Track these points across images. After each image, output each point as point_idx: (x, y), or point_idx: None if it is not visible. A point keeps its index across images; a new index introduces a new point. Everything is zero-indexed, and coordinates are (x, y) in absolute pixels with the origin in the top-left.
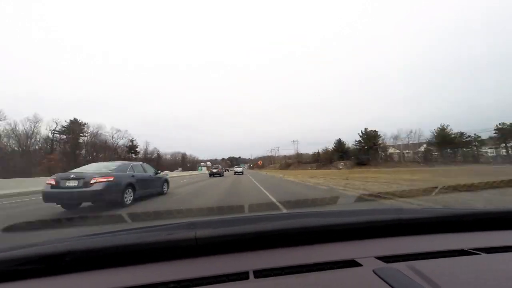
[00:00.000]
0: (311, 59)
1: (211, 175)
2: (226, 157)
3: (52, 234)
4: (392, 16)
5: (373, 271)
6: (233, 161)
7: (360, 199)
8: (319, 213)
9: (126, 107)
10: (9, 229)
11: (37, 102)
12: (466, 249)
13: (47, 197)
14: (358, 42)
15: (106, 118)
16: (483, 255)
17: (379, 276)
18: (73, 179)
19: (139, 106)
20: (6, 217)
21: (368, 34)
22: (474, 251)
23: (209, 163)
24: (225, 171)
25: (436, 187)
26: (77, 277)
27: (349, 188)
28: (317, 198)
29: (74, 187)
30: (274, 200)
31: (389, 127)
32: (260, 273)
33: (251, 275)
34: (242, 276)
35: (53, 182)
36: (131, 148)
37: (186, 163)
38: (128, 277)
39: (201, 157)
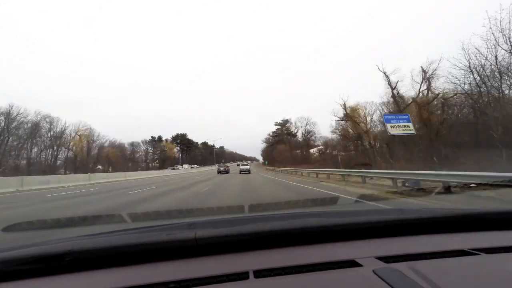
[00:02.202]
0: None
1: (219, 172)
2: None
3: (52, 234)
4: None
5: (373, 271)
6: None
7: (360, 199)
8: (319, 213)
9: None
10: (10, 229)
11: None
12: (466, 250)
13: None
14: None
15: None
16: (483, 255)
17: (379, 277)
18: None
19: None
20: None
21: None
22: (474, 252)
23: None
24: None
25: None
26: (77, 277)
27: None
28: (317, 198)
29: None
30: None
31: None
32: (260, 273)
33: (251, 275)
34: (242, 276)
35: None
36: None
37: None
38: (128, 277)
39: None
